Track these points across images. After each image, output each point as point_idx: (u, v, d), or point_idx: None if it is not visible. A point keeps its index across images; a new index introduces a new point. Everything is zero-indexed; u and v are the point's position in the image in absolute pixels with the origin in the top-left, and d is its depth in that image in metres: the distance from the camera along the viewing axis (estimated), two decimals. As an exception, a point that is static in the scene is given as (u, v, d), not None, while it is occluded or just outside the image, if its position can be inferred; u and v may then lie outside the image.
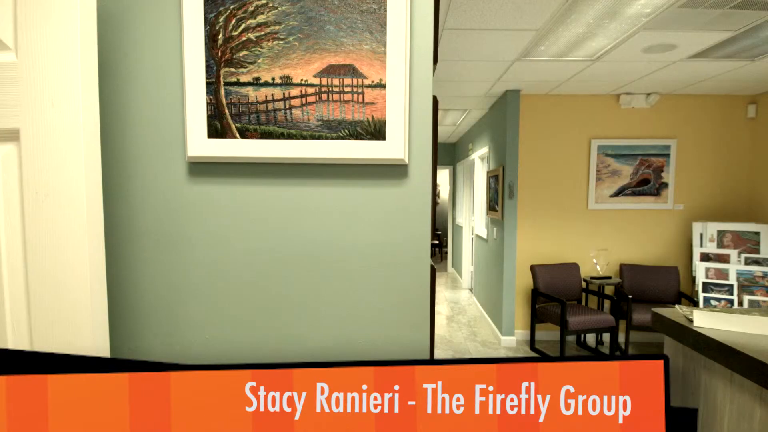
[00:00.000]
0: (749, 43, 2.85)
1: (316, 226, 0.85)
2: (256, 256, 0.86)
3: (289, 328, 0.86)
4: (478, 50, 3.04)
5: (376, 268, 0.85)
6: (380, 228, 0.85)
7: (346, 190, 0.85)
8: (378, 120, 0.82)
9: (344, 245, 0.85)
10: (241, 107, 0.84)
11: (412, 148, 0.85)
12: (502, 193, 4.31)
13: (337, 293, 0.86)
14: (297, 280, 0.86)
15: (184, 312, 0.86)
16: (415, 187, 0.85)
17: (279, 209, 0.86)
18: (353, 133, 0.83)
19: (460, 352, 4.07)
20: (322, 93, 0.83)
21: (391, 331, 0.87)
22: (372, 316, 0.86)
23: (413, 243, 0.85)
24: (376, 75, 0.82)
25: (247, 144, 0.84)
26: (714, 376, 1.49)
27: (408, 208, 0.85)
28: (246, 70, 0.84)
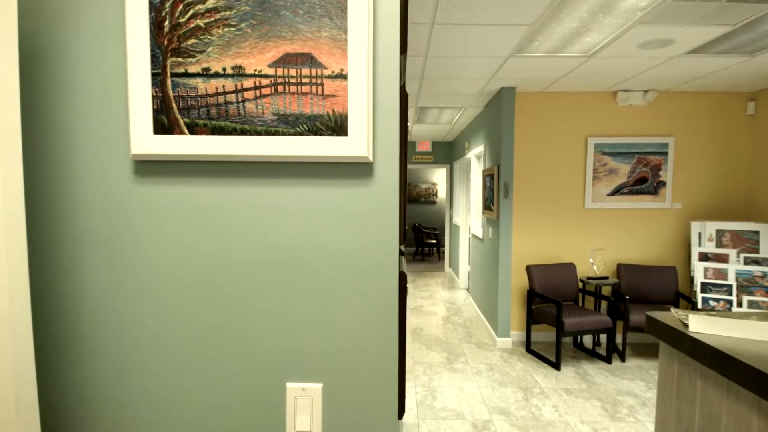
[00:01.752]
0: (748, 38, 2.78)
1: (271, 229, 0.78)
2: (207, 262, 0.79)
3: (230, 335, 0.79)
4: (469, 46, 2.97)
5: (336, 275, 0.78)
6: (342, 231, 0.78)
7: (305, 191, 0.78)
8: (339, 114, 0.75)
9: (301, 250, 0.78)
10: (190, 100, 0.77)
11: (377, 145, 0.77)
12: (497, 192, 4.24)
13: (287, 303, 0.79)
14: (245, 288, 0.79)
15: (131, 323, 0.79)
16: (381, 187, 0.78)
17: (232, 211, 0.79)
18: (312, 128, 0.76)
19: (454, 354, 4.01)
20: (277, 84, 0.76)
21: (350, 348, 0.80)
22: (327, 329, 0.79)
23: (379, 248, 0.78)
24: (336, 65, 0.75)
25: (196, 140, 0.77)
26: (710, 384, 1.42)
27: (373, 210, 0.78)
28: (195, 59, 0.76)
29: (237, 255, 0.79)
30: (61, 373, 0.80)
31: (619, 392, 3.23)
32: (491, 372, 3.61)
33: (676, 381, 1.61)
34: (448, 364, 3.77)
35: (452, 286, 7.06)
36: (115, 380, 0.80)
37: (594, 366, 3.73)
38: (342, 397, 0.80)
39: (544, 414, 2.91)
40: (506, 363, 3.81)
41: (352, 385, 0.80)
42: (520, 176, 4.32)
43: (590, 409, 2.98)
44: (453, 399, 3.13)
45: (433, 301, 6.09)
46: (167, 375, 0.80)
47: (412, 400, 3.12)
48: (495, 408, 2.99)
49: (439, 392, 3.24)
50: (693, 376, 1.50)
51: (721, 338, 1.42)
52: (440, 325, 4.91)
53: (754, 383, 1.19)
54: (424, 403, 3.07)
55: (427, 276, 7.97)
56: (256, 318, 0.79)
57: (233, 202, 0.79)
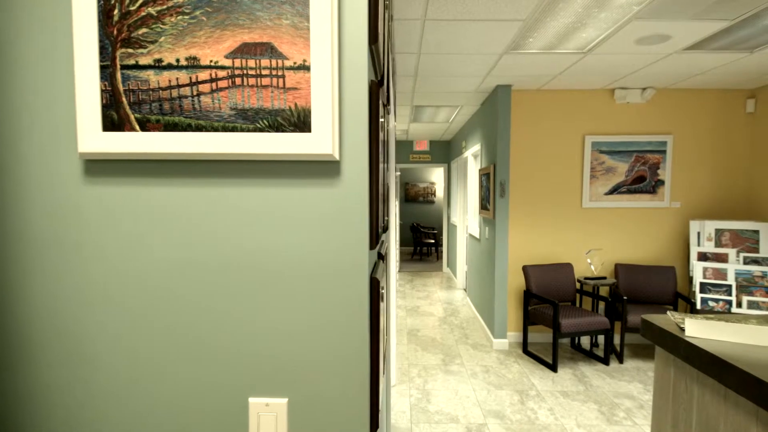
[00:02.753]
0: (747, 34, 2.72)
1: (231, 232, 0.73)
2: (163, 268, 0.73)
3: (188, 345, 0.74)
4: (463, 42, 2.91)
5: (301, 281, 0.73)
6: (307, 234, 0.72)
7: (266, 191, 0.72)
8: (302, 108, 0.69)
9: (263, 255, 0.73)
10: (141, 94, 0.71)
11: (344, 142, 0.72)
12: (493, 192, 4.18)
13: (249, 311, 0.73)
14: (204, 295, 0.73)
15: (81, 331, 0.74)
16: (348, 188, 0.72)
17: (189, 214, 0.73)
18: (273, 123, 0.70)
19: (450, 356, 3.95)
20: (235, 77, 0.70)
21: (317, 359, 0.74)
22: (292, 340, 0.73)
23: (347, 252, 0.72)
24: (298, 55, 0.69)
25: (148, 137, 0.71)
26: (706, 391, 1.37)
27: (340, 212, 0.72)
28: (146, 50, 0.71)
29: (194, 260, 0.73)
30: (4, 382, 0.75)
31: (616, 395, 3.18)
32: (487, 374, 3.55)
33: (672, 387, 1.55)
34: (444, 366, 3.72)
35: (450, 286, 7.00)
36: (66, 392, 0.75)
37: (591, 368, 3.68)
38: (309, 412, 0.75)
39: (539, 417, 2.85)
40: (502, 365, 3.75)
41: (320, 399, 0.75)
42: (517, 175, 4.26)
43: (587, 412, 2.93)
44: (447, 402, 3.08)
45: (430, 301, 6.03)
46: (119, 389, 0.75)
47: (406, 403, 3.07)
48: (490, 411, 2.94)
49: (433, 395, 3.19)
50: (689, 382, 1.45)
51: (718, 343, 1.37)
52: (437, 326, 4.85)
53: (752, 391, 1.13)
54: (418, 407, 3.01)
55: (425, 276, 7.92)
56: (216, 327, 0.74)
57: (190, 204, 0.73)
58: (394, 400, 3.12)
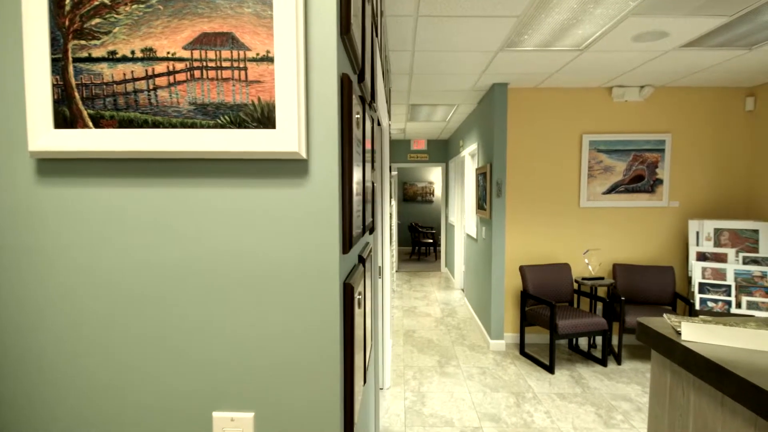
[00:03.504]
0: (746, 30, 2.67)
1: (192, 235, 0.68)
2: (121, 273, 0.69)
3: (147, 356, 0.69)
4: (457, 40, 2.86)
5: (267, 287, 0.68)
6: (273, 238, 0.68)
7: (229, 192, 0.68)
8: (266, 103, 0.65)
9: (226, 259, 0.68)
10: (95, 89, 0.67)
11: (313, 139, 0.67)
12: (490, 191, 4.13)
13: (213, 319, 0.68)
14: (164, 302, 0.69)
15: (34, 339, 0.69)
16: (317, 188, 0.67)
17: (147, 216, 0.68)
18: (235, 119, 0.65)
19: (446, 357, 3.91)
20: (194, 69, 0.66)
21: (285, 371, 0.69)
22: (259, 349, 0.69)
23: (315, 256, 0.68)
24: (261, 46, 0.65)
25: (102, 135, 0.66)
26: (704, 397, 1.32)
27: (308, 213, 0.67)
28: (99, 42, 0.66)
29: (152, 265, 0.69)
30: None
31: (614, 397, 3.13)
32: (483, 376, 3.51)
33: (668, 392, 1.51)
34: (440, 368, 3.67)
35: (448, 287, 6.96)
36: (11, 406, 0.70)
37: (589, 369, 3.63)
38: (277, 427, 0.70)
39: (536, 420, 2.81)
40: (499, 366, 3.71)
41: (289, 413, 0.70)
42: (514, 175, 4.21)
43: (584, 415, 2.88)
44: (443, 405, 3.03)
45: (428, 302, 5.98)
46: (69, 405, 0.70)
47: (400, 406, 3.02)
48: (485, 414, 2.89)
49: (428, 398, 3.14)
50: (686, 387, 1.40)
51: (715, 348, 1.32)
52: (433, 327, 4.81)
53: (750, 399, 1.09)
54: (413, 410, 2.97)
55: (423, 276, 7.87)
56: (178, 336, 0.69)
57: (146, 206, 0.68)
58: (388, 402, 3.07)
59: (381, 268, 3.21)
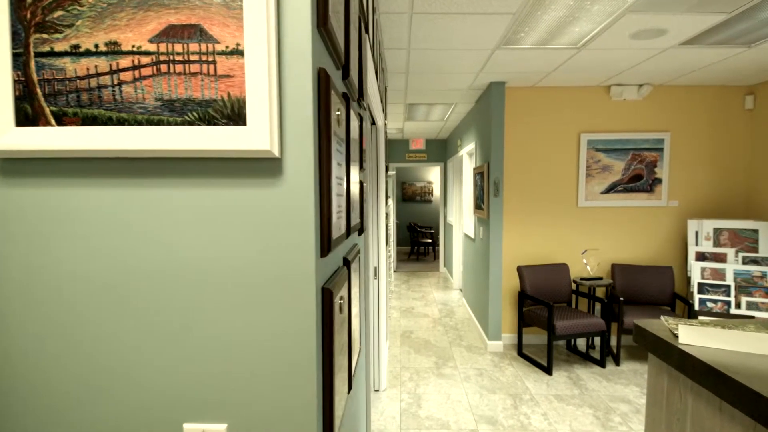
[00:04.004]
0: (745, 27, 2.64)
1: (160, 239, 0.65)
2: (87, 279, 0.65)
3: (115, 365, 0.66)
4: (453, 37, 2.83)
5: (239, 292, 0.65)
6: (245, 241, 0.64)
7: (198, 192, 0.65)
8: (236, 99, 0.62)
9: (196, 263, 0.65)
10: (57, 85, 0.63)
11: (286, 137, 0.64)
12: (487, 191, 4.10)
13: (183, 326, 0.65)
14: (131, 309, 0.65)
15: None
16: (291, 188, 0.64)
17: (111, 218, 0.65)
18: (204, 116, 0.62)
19: (443, 358, 3.87)
20: (160, 63, 0.62)
21: (259, 381, 0.66)
22: (232, 358, 0.65)
23: (290, 260, 0.64)
24: (231, 38, 0.61)
25: (65, 133, 0.63)
26: (701, 401, 1.29)
27: (282, 215, 0.64)
28: (62, 35, 0.63)
29: (118, 270, 0.65)
30: None
31: (612, 398, 3.10)
32: (480, 377, 3.47)
33: (665, 396, 1.48)
34: (436, 369, 3.64)
35: (446, 287, 6.92)
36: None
37: (587, 370, 3.60)
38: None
39: (533, 423, 2.77)
40: (496, 368, 3.67)
41: (263, 424, 0.67)
42: (511, 174, 4.18)
43: (581, 417, 2.85)
44: (439, 407, 3.00)
45: (426, 302, 5.95)
46: (32, 418, 0.67)
47: (396, 408, 2.99)
48: (482, 417, 2.86)
49: (424, 400, 3.11)
50: (684, 391, 1.37)
51: (714, 351, 1.29)
52: (431, 328, 4.77)
53: (749, 405, 1.06)
54: (408, 412, 2.93)
55: (421, 276, 7.84)
56: (146, 344, 0.66)
57: (112, 207, 0.65)
58: (384, 404, 3.04)
59: (377, 269, 3.18)
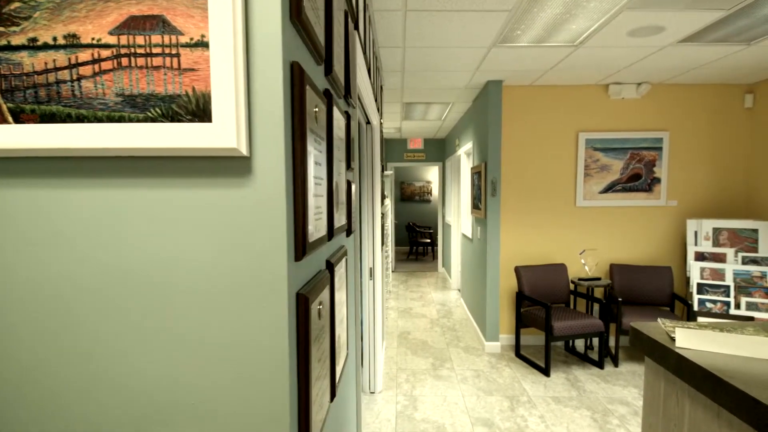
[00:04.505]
0: (744, 24, 2.60)
1: (122, 242, 0.61)
2: (46, 283, 0.62)
3: (68, 377, 0.62)
4: (448, 35, 2.80)
5: (205, 300, 0.61)
6: (211, 244, 0.61)
7: (161, 193, 0.61)
8: (201, 93, 0.58)
9: (159, 268, 0.61)
10: (14, 80, 0.60)
11: (256, 134, 0.60)
12: (484, 191, 4.06)
13: (143, 337, 0.62)
14: (88, 318, 0.62)
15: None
16: (261, 188, 0.60)
17: (69, 219, 0.62)
18: (167, 112, 0.59)
19: (440, 360, 3.84)
20: (121, 56, 0.59)
21: (224, 395, 0.62)
22: (194, 371, 0.62)
23: (260, 264, 0.61)
24: (195, 30, 0.58)
25: (22, 131, 0.60)
26: (699, 407, 1.25)
27: (252, 217, 0.61)
28: (19, 28, 0.59)
29: (80, 275, 0.62)
30: None
31: (610, 400, 3.06)
32: (477, 379, 3.44)
33: (662, 401, 1.44)
34: (433, 371, 3.61)
35: (444, 287, 6.89)
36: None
37: (585, 372, 3.57)
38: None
39: (530, 425, 2.74)
40: (494, 369, 3.64)
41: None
42: (509, 174, 4.15)
43: (579, 419, 2.81)
44: (435, 409, 2.96)
45: (424, 302, 5.92)
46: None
47: (392, 410, 2.96)
48: (478, 419, 2.82)
49: (420, 402, 3.08)
50: (681, 396, 1.33)
51: (711, 355, 1.26)
52: (428, 329, 4.74)
53: (747, 412, 1.02)
54: (404, 414, 2.90)
55: (420, 276, 7.80)
56: (98, 354, 0.62)
57: (72, 209, 0.62)
58: (379, 407, 3.01)
59: (372, 270, 3.15)
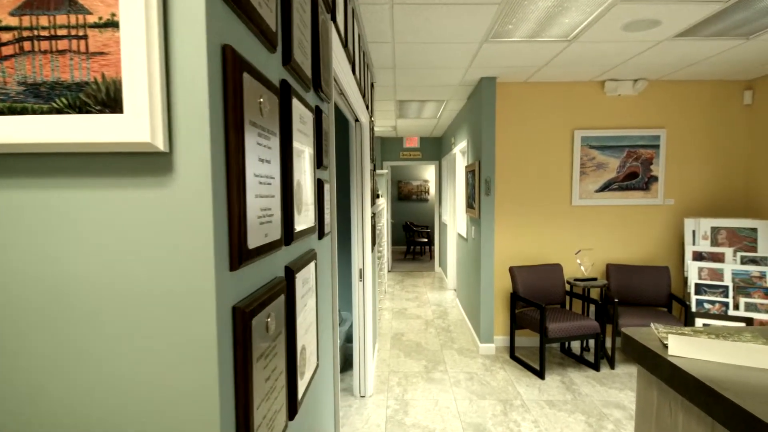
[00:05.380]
0: (742, 18, 2.53)
1: (21, 250, 0.54)
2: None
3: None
4: (438, 30, 2.72)
5: (118, 318, 0.54)
6: (123, 253, 0.53)
7: (69, 194, 0.54)
8: (111, 80, 0.51)
9: (63, 280, 0.54)
10: None
11: (177, 127, 0.53)
12: (478, 190, 3.99)
13: (47, 358, 0.54)
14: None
15: None
16: (184, 188, 0.53)
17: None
18: (74, 102, 0.51)
19: (433, 362, 3.77)
20: (23, 40, 0.52)
21: (146, 428, 0.55)
22: (95, 409, 0.54)
23: (182, 275, 0.54)
24: (104, 8, 0.50)
25: None
26: (692, 418, 1.18)
27: (174, 221, 0.53)
28: None
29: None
30: None
31: (605, 404, 2.99)
32: (470, 382, 3.37)
33: (655, 411, 1.37)
34: (426, 374, 3.53)
35: (441, 287, 6.82)
36: None
37: (581, 374, 3.49)
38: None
39: (522, 430, 2.67)
40: (488, 371, 3.57)
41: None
42: (503, 172, 4.07)
43: (573, 424, 2.74)
44: (426, 414, 2.89)
45: (419, 303, 5.84)
46: None
47: (382, 415, 2.89)
48: (470, 424, 2.75)
49: (411, 406, 3.01)
50: (674, 406, 1.26)
51: (706, 365, 1.18)
52: (422, 330, 4.67)
53: (742, 427, 0.95)
54: (394, 419, 2.83)
55: (416, 276, 7.73)
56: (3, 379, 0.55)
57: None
58: (369, 411, 2.94)
59: (362, 271, 3.08)
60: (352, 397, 3.14)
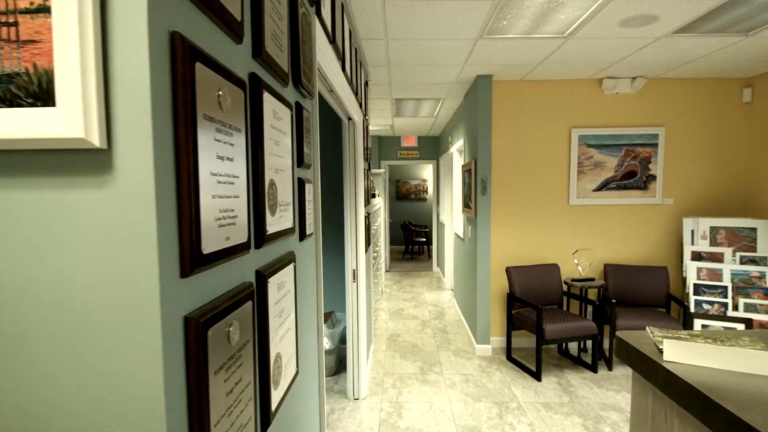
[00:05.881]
0: (741, 13, 2.48)
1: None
2: None
3: None
4: (431, 27, 2.67)
5: (50, 334, 0.49)
6: (58, 260, 0.49)
7: (7, 195, 0.49)
8: (44, 71, 0.46)
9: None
10: None
11: (116, 122, 0.48)
12: (474, 189, 3.94)
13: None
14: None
15: None
16: (125, 188, 0.48)
17: None
18: (5, 94, 0.47)
19: (429, 363, 3.72)
20: (-54, 25, 0.47)
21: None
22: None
23: (124, 283, 0.49)
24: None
25: None
26: (689, 426, 1.14)
27: (115, 223, 0.49)
28: None
29: None
30: None
31: (603, 406, 2.95)
32: (466, 384, 3.33)
33: (650, 418, 1.32)
34: (421, 375, 3.49)
35: (438, 287, 6.77)
36: None
37: (578, 375, 3.45)
38: None
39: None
40: (484, 373, 3.53)
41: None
42: (500, 172, 4.02)
43: (570, 427, 2.70)
44: (420, 417, 2.85)
45: (416, 303, 5.80)
46: None
47: (375, 418, 2.84)
48: (464, 427, 2.71)
49: (405, 409, 2.96)
50: (670, 414, 1.21)
51: (703, 370, 1.14)
52: (419, 331, 4.62)
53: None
54: (388, 422, 2.79)
55: (414, 276, 7.69)
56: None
57: None
58: (362, 414, 2.89)
59: (356, 272, 3.03)
60: (345, 399, 3.10)
